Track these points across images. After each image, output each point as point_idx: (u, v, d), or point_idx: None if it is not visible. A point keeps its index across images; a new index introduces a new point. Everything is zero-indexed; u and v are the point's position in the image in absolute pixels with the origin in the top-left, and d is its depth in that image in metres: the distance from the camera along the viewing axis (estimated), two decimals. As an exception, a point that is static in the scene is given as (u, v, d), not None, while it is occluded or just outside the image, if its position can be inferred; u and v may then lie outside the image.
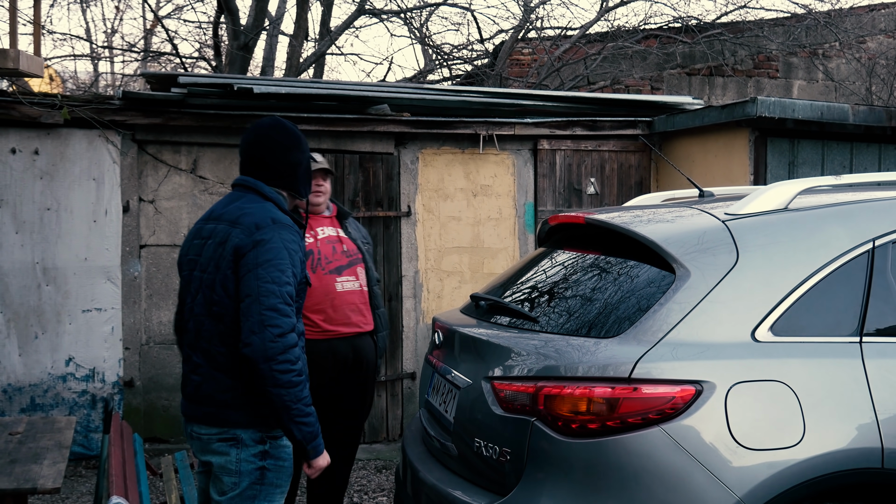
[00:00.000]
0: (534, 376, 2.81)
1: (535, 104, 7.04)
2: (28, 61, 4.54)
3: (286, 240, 2.89)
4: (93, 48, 11.89)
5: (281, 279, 2.82)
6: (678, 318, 2.75)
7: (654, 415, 2.60)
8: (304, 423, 2.85)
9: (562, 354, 2.80)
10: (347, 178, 6.59)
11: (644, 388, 2.63)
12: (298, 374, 2.80)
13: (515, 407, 2.82)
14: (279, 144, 3.04)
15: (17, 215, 6.05)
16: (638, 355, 2.66)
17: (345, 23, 10.80)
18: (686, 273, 2.83)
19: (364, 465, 6.20)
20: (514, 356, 2.95)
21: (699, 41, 10.24)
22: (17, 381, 6.07)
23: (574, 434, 2.65)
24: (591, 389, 2.65)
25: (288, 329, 2.80)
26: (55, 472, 3.42)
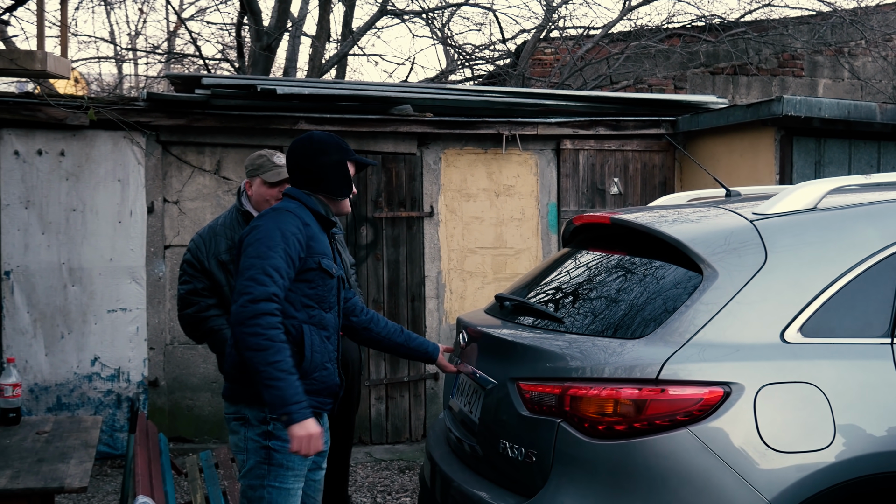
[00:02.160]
0: (559, 377, 2.79)
1: (557, 104, 7.01)
2: (55, 63, 4.58)
3: (280, 221, 3.01)
4: (117, 50, 11.98)
5: (266, 254, 2.92)
6: (706, 318, 2.72)
7: (681, 416, 2.58)
8: (273, 387, 2.84)
9: (587, 355, 2.79)
10: (370, 179, 6.60)
11: (671, 389, 2.61)
12: (269, 339, 2.84)
13: (541, 408, 2.80)
14: (303, 150, 3.18)
15: (44, 216, 6.10)
16: (665, 356, 2.64)
17: (367, 23, 10.82)
18: (713, 273, 2.80)
19: (387, 465, 6.20)
20: (540, 357, 2.93)
21: (723, 40, 10.17)
22: (43, 380, 6.12)
23: (601, 435, 2.63)
24: (618, 390, 2.63)
25: (261, 296, 2.86)
26: (82, 472, 3.44)
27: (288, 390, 2.84)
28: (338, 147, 3.21)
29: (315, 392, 3.07)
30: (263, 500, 3.00)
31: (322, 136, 3.22)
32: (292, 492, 3.02)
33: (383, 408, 6.68)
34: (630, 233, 3.28)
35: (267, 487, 2.99)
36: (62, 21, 4.96)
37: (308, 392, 3.01)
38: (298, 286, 3.04)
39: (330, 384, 3.14)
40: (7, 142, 6.01)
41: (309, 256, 3.04)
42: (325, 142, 3.20)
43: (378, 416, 6.67)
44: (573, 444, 2.68)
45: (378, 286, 6.62)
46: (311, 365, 3.04)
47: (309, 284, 3.06)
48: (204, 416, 6.39)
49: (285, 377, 2.85)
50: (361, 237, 6.59)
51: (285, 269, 2.94)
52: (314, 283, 3.06)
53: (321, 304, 3.09)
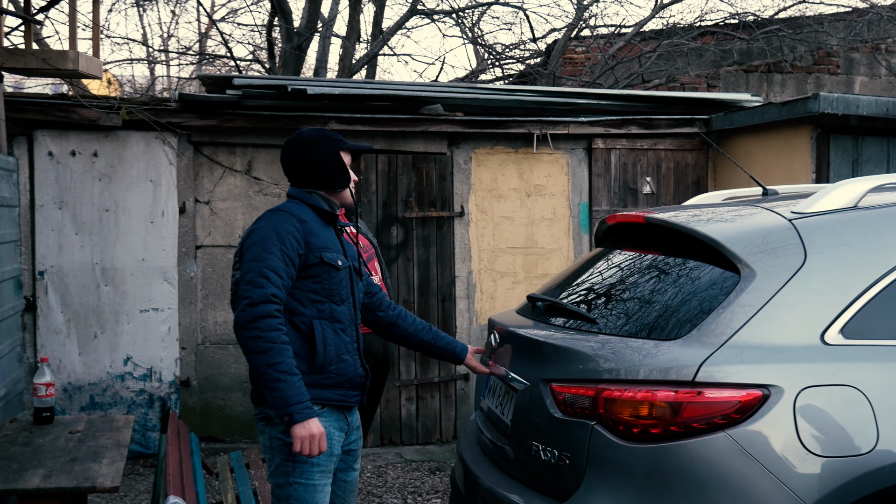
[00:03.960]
0: (593, 379, 2.75)
1: (589, 103, 6.95)
2: (87, 63, 4.59)
3: (276, 222, 3.01)
4: (149, 52, 12.08)
5: (262, 256, 2.94)
6: (743, 320, 2.67)
7: (719, 419, 2.53)
8: (274, 389, 2.85)
9: (622, 357, 2.74)
10: (401, 179, 6.58)
11: (708, 391, 2.55)
12: (269, 341, 2.85)
13: (575, 410, 2.76)
14: (294, 150, 3.20)
15: (77, 216, 6.14)
16: (702, 358, 2.59)
17: (397, 23, 10.81)
18: (751, 274, 2.74)
19: (418, 466, 6.18)
20: (573, 358, 2.89)
21: (757, 37, 10.03)
22: (76, 379, 6.16)
23: (636, 439, 2.59)
24: (654, 393, 2.58)
25: (259, 299, 2.87)
26: (114, 471, 3.45)
27: (289, 391, 2.85)
28: (328, 139, 3.21)
29: (336, 385, 3.06)
30: (290, 497, 3.00)
31: (311, 132, 3.23)
32: (318, 488, 3.01)
33: (414, 408, 6.66)
34: (664, 232, 3.22)
35: (293, 484, 2.99)
36: (94, 21, 4.98)
37: (328, 386, 3.03)
38: (304, 282, 3.04)
39: (351, 375, 3.12)
40: (41, 143, 6.06)
41: (309, 252, 3.04)
42: (315, 137, 3.21)
43: (409, 416, 6.65)
44: (607, 447, 2.63)
45: (408, 286, 6.60)
46: (325, 359, 3.03)
47: (314, 280, 3.05)
48: (235, 416, 6.41)
49: (286, 378, 2.85)
50: (392, 237, 6.57)
51: (283, 268, 2.95)
52: (319, 277, 3.06)
53: (331, 298, 3.08)
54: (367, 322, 3.46)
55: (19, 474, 3.39)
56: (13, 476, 3.36)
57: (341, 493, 3.23)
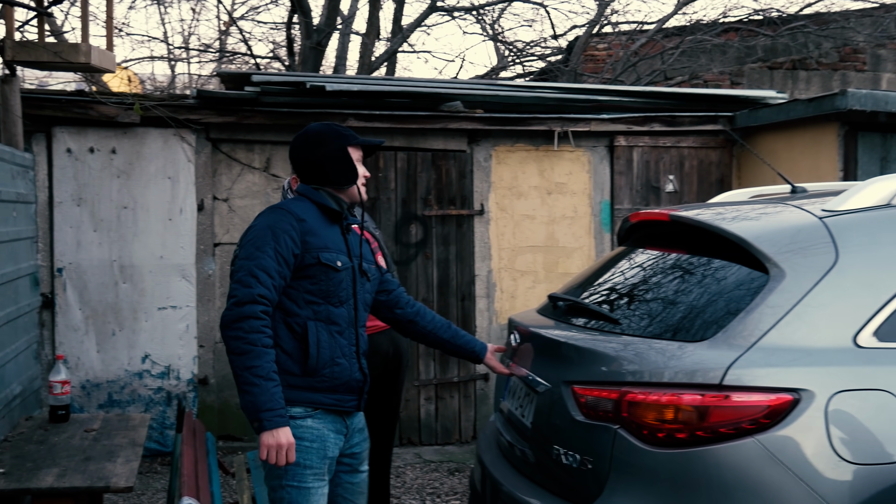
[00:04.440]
0: (616, 381, 2.67)
1: (611, 100, 6.86)
2: (100, 56, 4.53)
3: (272, 220, 2.94)
4: (169, 50, 12.08)
5: (254, 254, 2.87)
6: (772, 321, 2.58)
7: (747, 424, 2.44)
8: (247, 392, 2.77)
9: (645, 359, 2.66)
10: (420, 176, 6.51)
11: (736, 395, 2.47)
12: (249, 342, 2.78)
13: (597, 413, 2.68)
14: (301, 145, 3.11)
15: (95, 213, 6.12)
16: (729, 361, 2.50)
17: (416, 20, 10.74)
18: (780, 273, 2.65)
19: (437, 466, 6.11)
20: (595, 360, 2.81)
21: (781, 34, 9.89)
22: (94, 377, 6.15)
23: (661, 444, 2.50)
24: (679, 396, 2.49)
25: (245, 299, 2.80)
26: (128, 471, 3.41)
27: (261, 396, 2.76)
28: (336, 135, 3.11)
29: (330, 389, 2.97)
30: (284, 500, 2.92)
31: (319, 128, 3.14)
32: (312, 490, 2.92)
33: (433, 408, 6.60)
34: (689, 230, 3.14)
35: (286, 488, 2.91)
36: (108, 14, 4.92)
37: (321, 389, 2.95)
38: (300, 283, 2.95)
39: (346, 380, 3.01)
40: (60, 140, 6.05)
41: (306, 252, 2.95)
42: (323, 132, 3.12)
43: (427, 416, 6.58)
44: (631, 452, 2.55)
45: (428, 285, 6.54)
46: (318, 362, 2.94)
47: (310, 280, 2.96)
48: (253, 415, 6.36)
49: (260, 383, 2.76)
50: (411, 235, 6.51)
51: (275, 267, 2.87)
52: (316, 278, 2.96)
53: (328, 299, 2.98)
54: (384, 319, 3.38)
55: (33, 473, 3.35)
56: (27, 475, 3.33)
57: (348, 496, 3.14)
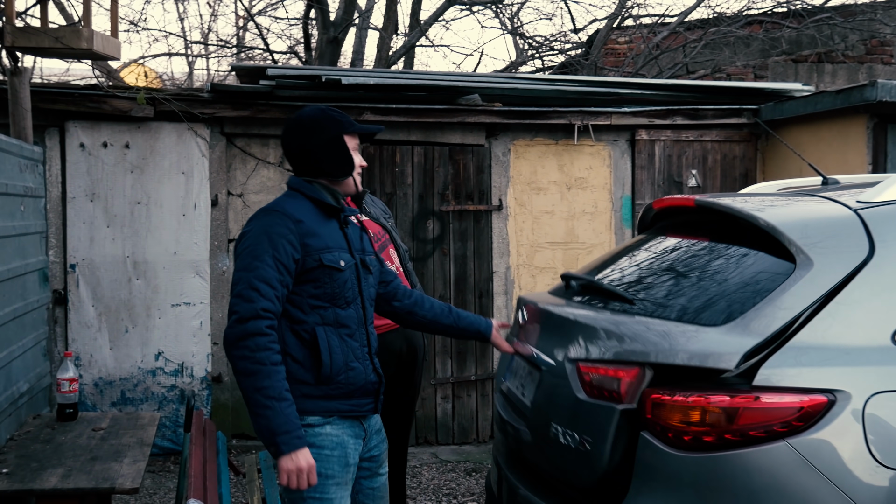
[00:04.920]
0: (624, 361, 2.54)
1: (632, 93, 6.71)
2: (103, 42, 4.38)
3: (268, 224, 2.75)
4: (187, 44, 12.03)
5: (252, 265, 2.69)
6: (804, 318, 2.44)
7: (778, 427, 2.30)
8: (260, 416, 2.61)
9: (657, 340, 2.51)
10: (437, 171, 6.40)
11: (766, 396, 2.33)
12: (257, 362, 2.61)
13: (601, 393, 2.57)
14: (293, 132, 2.90)
15: (109, 209, 6.05)
16: (746, 347, 2.35)
17: (434, 14, 10.61)
18: (808, 262, 2.52)
19: (453, 466, 6.00)
20: (603, 338, 2.68)
21: (807, 26, 9.69)
22: (107, 374, 6.08)
23: (687, 447, 2.37)
24: (707, 397, 2.36)
25: (248, 314, 2.63)
26: (134, 472, 3.31)
27: (275, 419, 2.60)
28: (331, 121, 2.88)
29: (346, 395, 2.81)
30: None
31: (313, 113, 2.91)
32: (335, 501, 2.77)
33: (449, 407, 6.49)
34: (714, 219, 3.00)
35: (308, 500, 2.74)
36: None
37: (337, 396, 2.79)
38: (303, 288, 2.77)
39: (362, 383, 2.86)
40: (73, 134, 5.98)
41: (307, 256, 2.75)
42: (317, 118, 2.89)
43: (444, 415, 6.47)
44: (656, 455, 2.42)
45: (445, 281, 6.42)
46: (332, 369, 2.77)
47: (314, 284, 2.77)
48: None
49: (273, 405, 2.60)
50: (428, 231, 6.40)
51: (276, 276, 2.68)
52: (319, 281, 2.78)
53: (334, 302, 2.80)
54: (382, 313, 3.21)
55: (38, 474, 3.26)
56: (31, 475, 3.24)
57: (368, 502, 3.00)
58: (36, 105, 5.76)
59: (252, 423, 2.66)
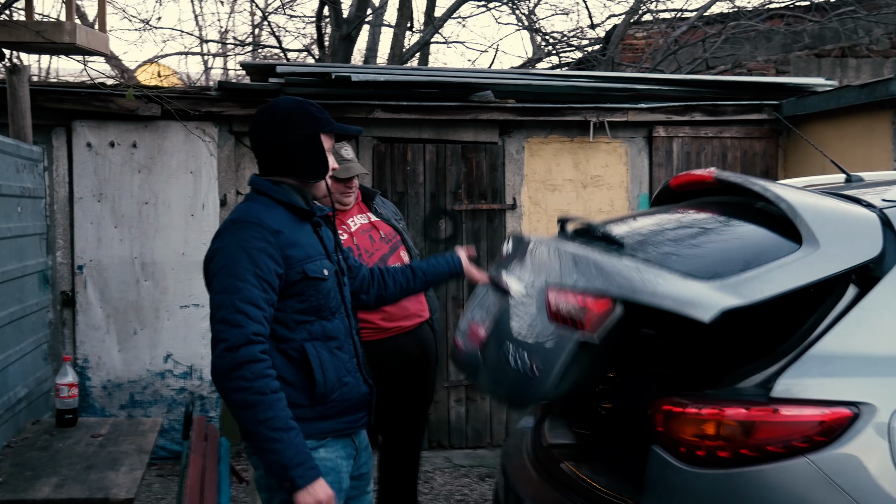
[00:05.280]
0: (595, 291, 2.41)
1: (649, 88, 6.56)
2: (87, 36, 4.21)
3: (244, 238, 2.49)
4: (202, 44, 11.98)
5: (234, 286, 2.43)
6: (825, 325, 2.30)
7: (798, 442, 2.16)
8: (269, 451, 2.40)
9: (633, 277, 2.38)
10: (449, 170, 6.27)
11: (785, 409, 2.20)
12: (256, 391, 2.38)
13: (563, 318, 2.45)
14: (262, 126, 2.64)
15: (116, 209, 5.97)
16: (723, 303, 2.21)
17: (448, 10, 10.48)
18: (814, 246, 2.37)
19: (466, 471, 5.87)
20: (577, 267, 2.56)
21: (830, 19, 9.47)
22: (116, 377, 5.99)
23: (701, 462, 2.23)
24: (722, 410, 2.22)
25: (238, 341, 2.39)
26: (130, 481, 3.21)
27: (286, 452, 2.40)
28: (309, 117, 2.63)
29: (341, 413, 2.65)
30: None
31: (289, 105, 2.66)
32: None
33: (463, 410, 6.36)
34: (733, 201, 2.87)
35: None
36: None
37: (332, 416, 2.62)
38: (287, 303, 2.54)
39: (356, 398, 2.70)
40: (80, 133, 5.90)
41: (290, 269, 2.53)
42: (293, 113, 2.63)
43: (458, 418, 6.35)
44: (667, 471, 2.29)
45: (457, 282, 6.29)
46: (326, 388, 2.59)
47: (298, 298, 2.56)
48: (277, 416, 6.17)
49: (281, 437, 2.40)
50: (440, 231, 6.27)
51: (261, 296, 2.45)
52: (304, 294, 2.57)
53: (320, 314, 2.61)
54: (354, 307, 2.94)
55: (31, 483, 3.17)
56: (23, 485, 3.15)
57: None
58: (42, 104, 5.70)
59: (259, 458, 2.47)
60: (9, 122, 4.27)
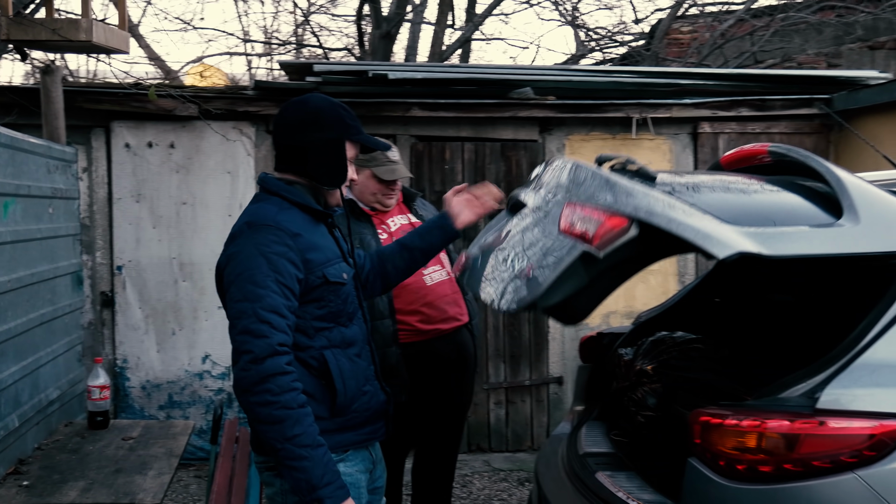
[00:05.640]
0: (611, 209, 2.30)
1: (694, 83, 6.38)
2: (106, 34, 4.11)
3: (262, 242, 2.35)
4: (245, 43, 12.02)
5: (255, 293, 2.30)
6: (876, 332, 2.16)
7: (847, 457, 2.03)
8: (296, 469, 2.27)
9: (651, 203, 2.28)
10: (488, 168, 6.16)
11: (833, 421, 2.06)
12: (283, 406, 2.26)
13: (574, 230, 2.35)
14: (287, 120, 2.51)
15: (154, 210, 5.97)
16: (740, 247, 2.08)
17: (489, 7, 10.36)
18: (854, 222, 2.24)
19: (506, 476, 5.76)
20: (598, 187, 2.45)
21: (884, 10, 9.16)
22: (155, 377, 6.00)
23: (741, 477, 2.11)
24: (763, 421, 2.09)
25: (264, 352, 2.26)
26: (157, 486, 3.17)
27: (314, 470, 2.27)
28: (338, 122, 2.50)
29: (361, 423, 2.54)
30: None
31: (320, 103, 2.54)
32: None
33: (503, 413, 6.25)
34: (786, 178, 2.73)
35: None
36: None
37: (353, 427, 2.52)
38: (306, 310, 2.42)
39: (375, 407, 2.60)
40: (118, 134, 5.91)
41: (310, 273, 2.42)
42: (322, 112, 2.50)
43: (497, 421, 6.24)
44: (705, 485, 2.16)
45: (496, 283, 6.18)
46: (347, 397, 2.49)
47: (317, 304, 2.45)
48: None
49: (309, 454, 2.28)
50: (479, 231, 6.16)
51: (284, 303, 2.32)
52: (323, 300, 2.46)
53: (338, 320, 2.50)
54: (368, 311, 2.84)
55: (58, 487, 3.14)
56: (50, 488, 3.12)
57: None
58: (82, 105, 5.73)
59: (285, 476, 2.34)
60: (42, 122, 4.26)
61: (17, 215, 3.38)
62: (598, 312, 6.30)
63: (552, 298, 2.30)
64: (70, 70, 9.25)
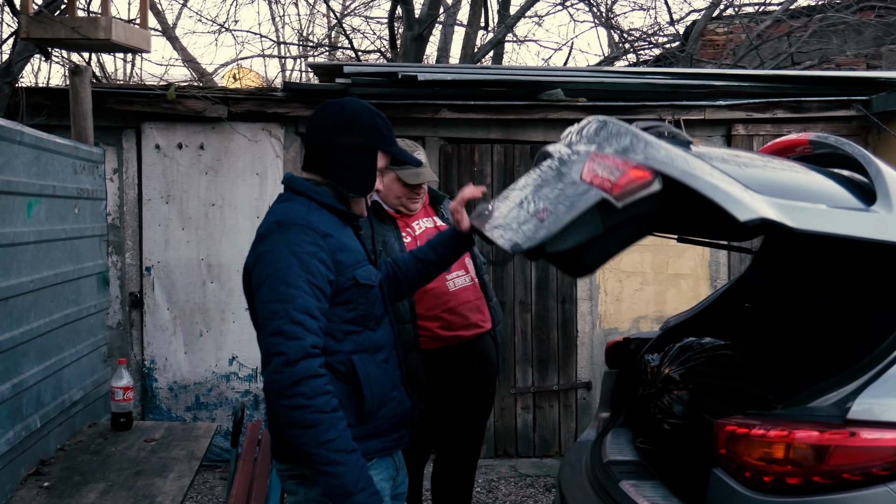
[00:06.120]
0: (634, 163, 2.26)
1: (728, 85, 6.26)
2: (126, 32, 4.08)
3: (293, 242, 2.31)
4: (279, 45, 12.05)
5: (287, 294, 2.25)
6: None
7: (879, 470, 1.95)
8: (330, 474, 2.22)
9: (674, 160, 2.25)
10: (518, 170, 6.10)
11: (865, 432, 1.98)
12: (317, 410, 2.21)
13: (594, 178, 2.31)
14: (322, 121, 2.48)
15: (183, 211, 5.98)
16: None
17: (521, 8, 10.29)
18: (888, 209, 2.17)
19: (532, 481, 5.69)
20: (631, 141, 2.41)
21: (926, 10, 8.97)
22: (182, 378, 6.01)
23: (767, 489, 2.03)
24: (791, 432, 2.02)
25: (297, 355, 2.22)
26: (177, 489, 3.15)
27: (349, 476, 2.23)
28: (372, 130, 2.47)
29: (387, 430, 2.50)
30: None
31: (357, 108, 2.50)
32: None
33: (530, 418, 6.18)
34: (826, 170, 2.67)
35: None
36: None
37: (380, 433, 2.47)
38: (335, 313, 2.38)
39: (402, 414, 2.56)
40: (149, 135, 5.93)
41: (340, 275, 2.37)
42: (358, 117, 2.46)
43: (525, 426, 6.17)
44: (731, 497, 2.09)
45: (525, 286, 6.12)
46: (374, 403, 2.44)
47: (347, 307, 2.41)
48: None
49: (344, 459, 2.23)
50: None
51: (315, 305, 2.28)
52: (353, 303, 2.42)
53: (366, 324, 2.46)
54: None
55: (78, 488, 3.13)
56: (70, 490, 3.11)
57: None
58: (113, 106, 5.77)
59: (319, 481, 2.29)
60: (70, 123, 4.27)
61: (41, 215, 3.38)
62: (628, 317, 6.21)
63: (563, 244, 2.24)
64: (106, 72, 9.33)
